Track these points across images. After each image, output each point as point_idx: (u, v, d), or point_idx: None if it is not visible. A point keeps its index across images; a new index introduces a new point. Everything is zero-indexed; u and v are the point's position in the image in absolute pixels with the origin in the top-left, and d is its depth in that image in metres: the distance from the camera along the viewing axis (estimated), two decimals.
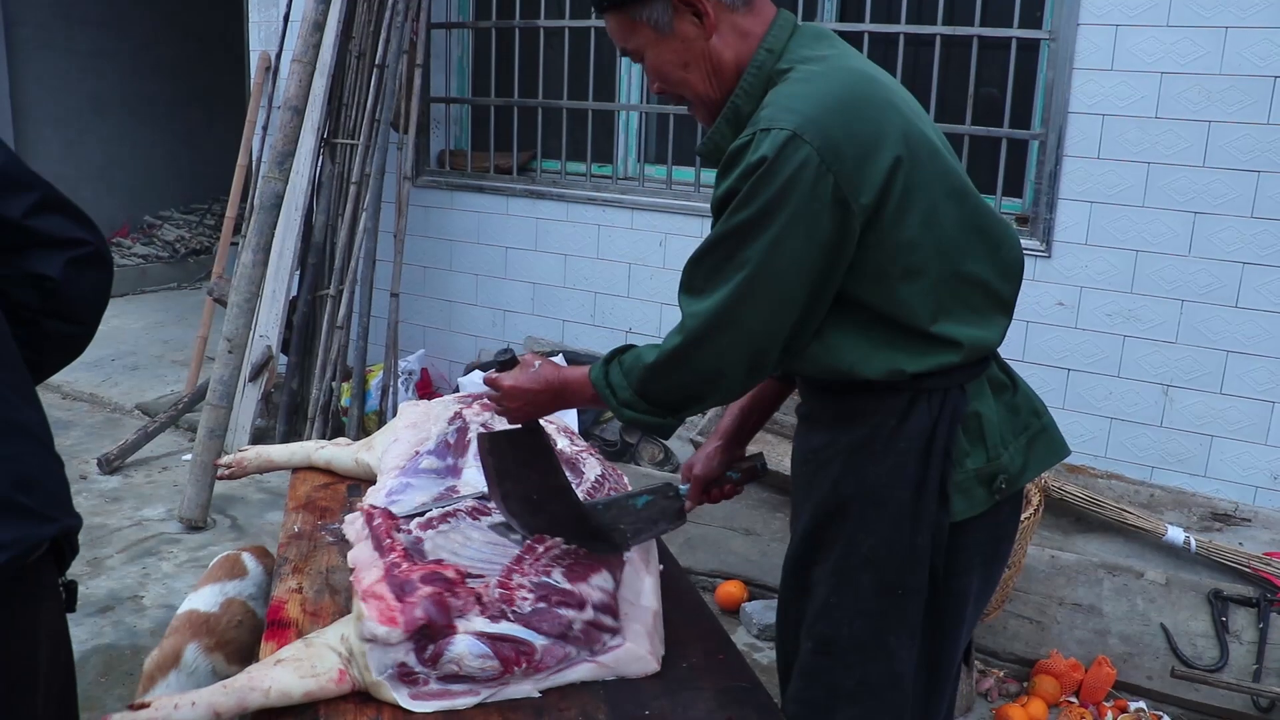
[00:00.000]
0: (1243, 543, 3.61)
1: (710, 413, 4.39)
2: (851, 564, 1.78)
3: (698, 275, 1.67)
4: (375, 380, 4.96)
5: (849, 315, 1.71)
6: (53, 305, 1.60)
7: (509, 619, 1.72)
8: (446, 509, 2.03)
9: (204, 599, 2.43)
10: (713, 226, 1.68)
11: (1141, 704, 3.11)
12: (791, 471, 1.97)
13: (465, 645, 1.66)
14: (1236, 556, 3.51)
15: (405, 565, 1.78)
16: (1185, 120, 3.67)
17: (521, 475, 1.95)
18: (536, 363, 1.85)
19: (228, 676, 2.18)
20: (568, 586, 1.79)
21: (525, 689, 1.71)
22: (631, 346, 1.78)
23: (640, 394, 1.73)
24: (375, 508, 2.03)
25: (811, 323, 1.70)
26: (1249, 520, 3.68)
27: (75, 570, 3.70)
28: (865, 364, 1.71)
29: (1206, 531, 3.68)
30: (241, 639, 2.36)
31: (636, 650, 1.79)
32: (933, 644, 1.83)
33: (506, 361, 1.88)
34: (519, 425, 1.92)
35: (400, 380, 5.04)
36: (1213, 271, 3.71)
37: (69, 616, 1.64)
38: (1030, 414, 1.85)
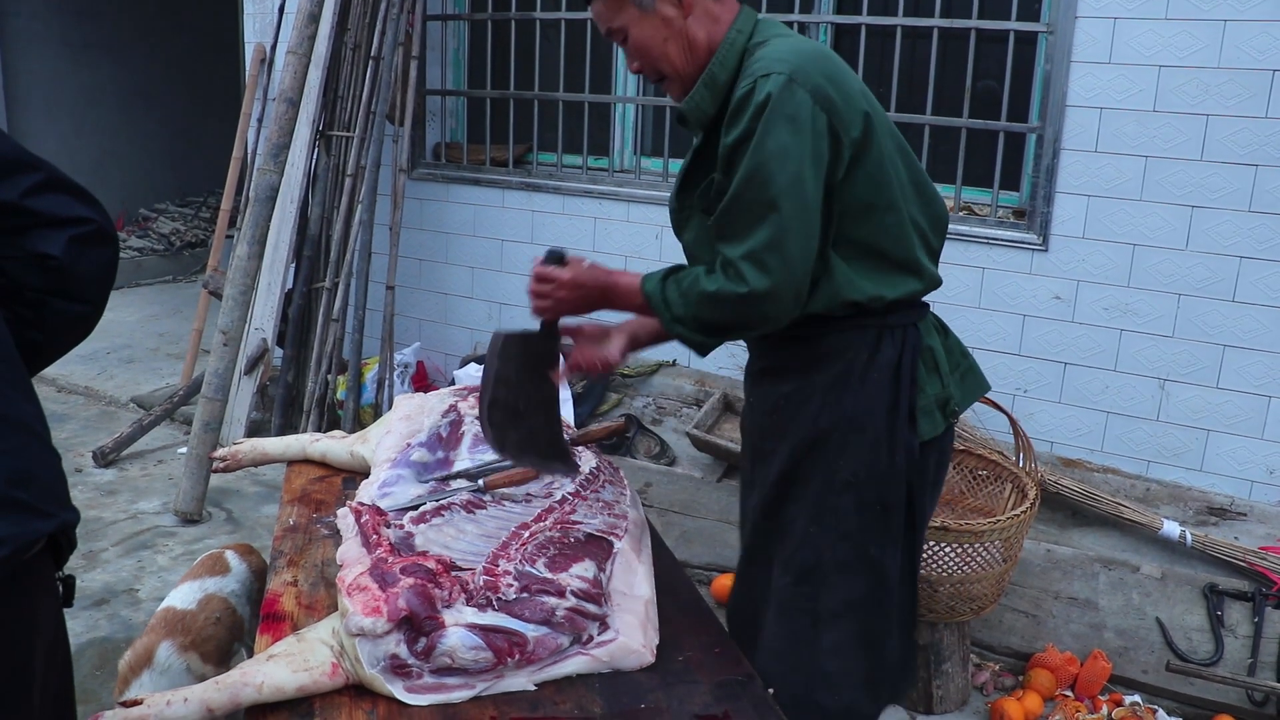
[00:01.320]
0: (1238, 537, 3.61)
1: (708, 404, 4.39)
2: (833, 489, 1.98)
3: (737, 221, 1.84)
4: (371, 373, 4.95)
5: (839, 249, 1.93)
6: (57, 284, 1.59)
7: (494, 607, 1.72)
8: (440, 502, 2.03)
9: (182, 596, 2.44)
10: (725, 173, 1.86)
11: (1136, 698, 3.11)
12: (753, 424, 2.16)
13: (458, 637, 1.65)
14: (1232, 551, 3.51)
15: (390, 560, 1.78)
16: (1183, 114, 3.67)
17: (518, 382, 2.05)
18: (585, 261, 2.03)
19: (202, 676, 2.18)
20: (548, 575, 1.80)
21: (520, 682, 1.71)
22: (682, 267, 1.97)
23: (694, 315, 1.89)
24: (363, 504, 2.03)
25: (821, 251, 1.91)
26: (1245, 515, 3.68)
27: (70, 564, 3.70)
28: (852, 289, 1.92)
29: (1202, 526, 3.68)
30: (219, 636, 2.35)
31: (630, 644, 1.79)
32: (910, 558, 2.08)
33: (558, 257, 2.04)
34: (541, 328, 2.10)
35: (396, 373, 5.03)
36: (1210, 265, 3.70)
37: (65, 611, 1.63)
38: (960, 354, 2.14)
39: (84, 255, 1.60)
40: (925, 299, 2.07)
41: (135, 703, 1.55)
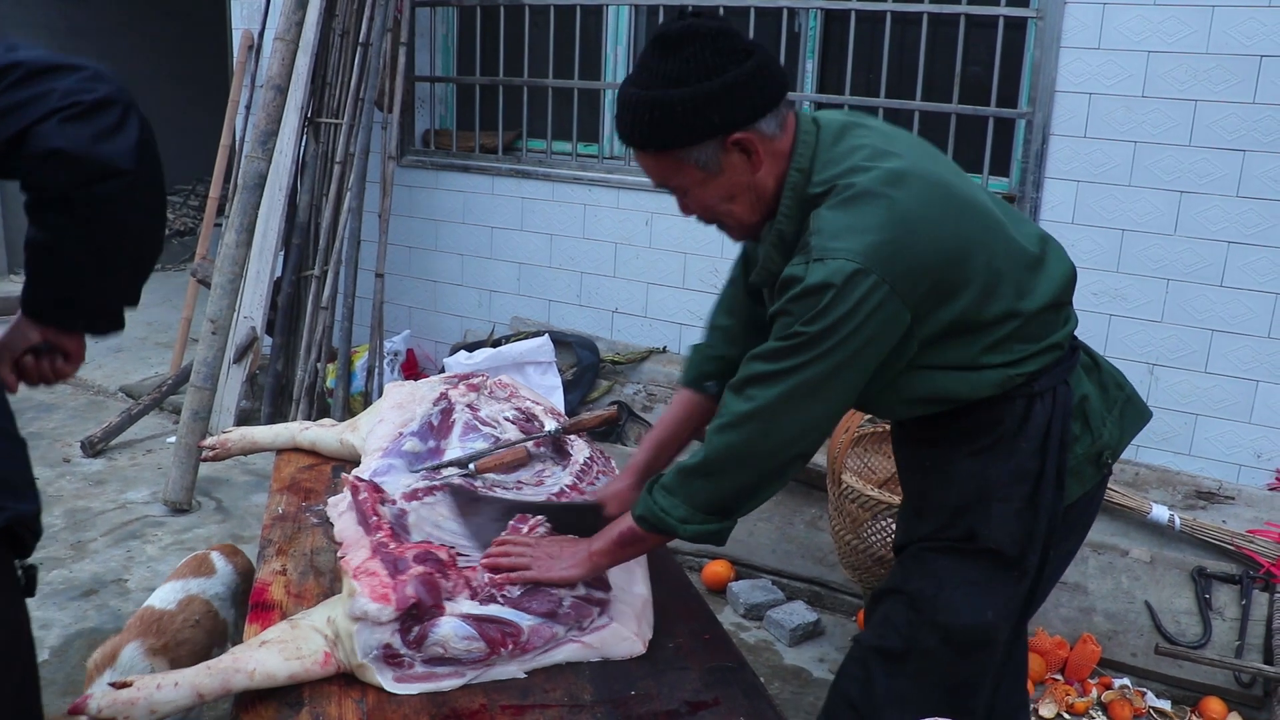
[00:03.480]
0: (1226, 520, 3.63)
1: None
2: (973, 547, 1.82)
3: (753, 383, 1.68)
4: (360, 361, 4.94)
5: (945, 357, 1.74)
6: (84, 173, 1.37)
7: (498, 603, 1.72)
8: (433, 483, 2.03)
9: (163, 596, 2.39)
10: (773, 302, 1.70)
11: (1126, 681, 3.13)
12: (902, 479, 2.01)
13: (450, 627, 1.65)
14: (1220, 534, 3.52)
15: (394, 544, 1.78)
16: (1171, 99, 3.67)
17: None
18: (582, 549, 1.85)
19: None
20: None
21: (511, 670, 1.72)
22: (661, 474, 1.80)
23: (694, 506, 1.74)
24: (362, 480, 2.02)
25: (867, 394, 1.75)
26: (1233, 498, 3.70)
27: (58, 554, 3.71)
28: (977, 388, 1.76)
29: (1191, 510, 3.70)
30: (195, 640, 2.30)
31: (622, 631, 1.79)
32: (1018, 629, 1.90)
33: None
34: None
35: (386, 361, 5.02)
36: (1198, 251, 3.71)
37: (48, 601, 1.61)
38: (1115, 387, 1.94)
39: (85, 128, 1.37)
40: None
41: (126, 684, 1.55)
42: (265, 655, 1.63)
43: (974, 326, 1.71)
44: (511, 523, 1.94)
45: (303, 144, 4.87)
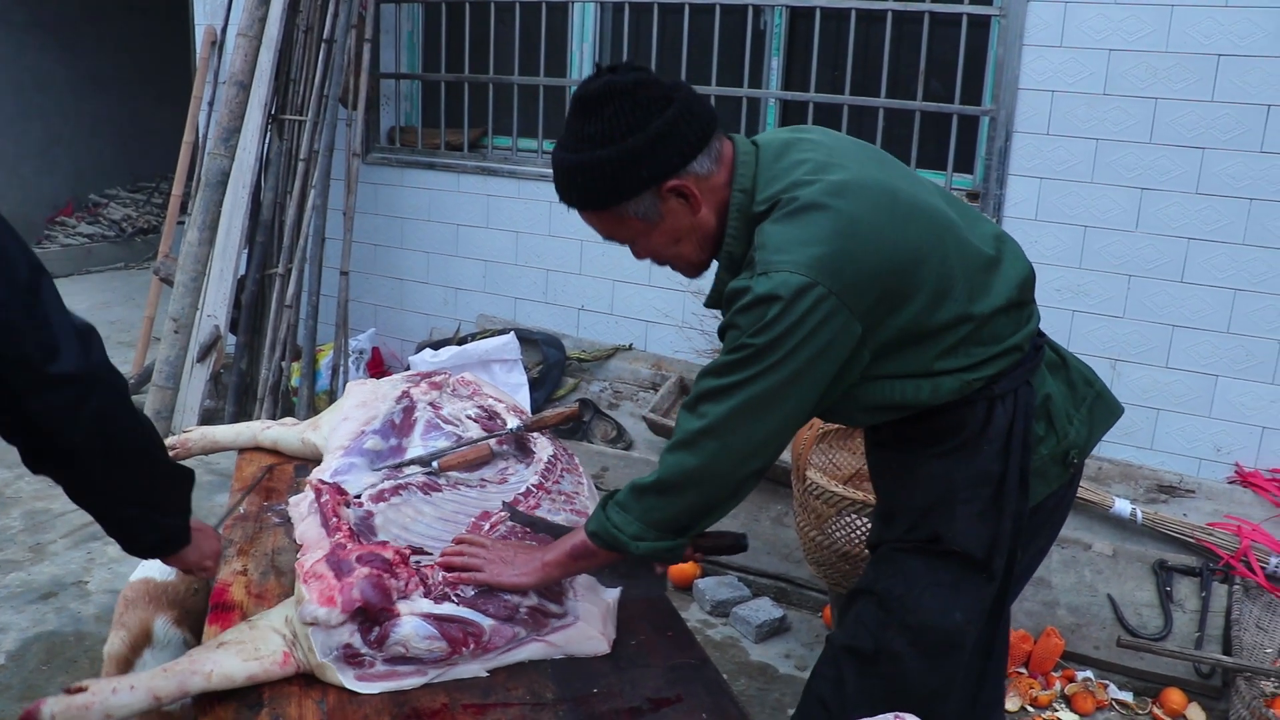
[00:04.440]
0: (1187, 514, 3.67)
1: (664, 388, 4.39)
2: (940, 549, 1.81)
3: (705, 399, 1.67)
4: (325, 360, 4.91)
5: (899, 365, 1.73)
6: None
7: (452, 602, 1.71)
8: (398, 482, 2.01)
9: (158, 567, 2.32)
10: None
11: (1089, 673, 3.16)
12: (874, 484, 2.00)
13: (411, 627, 1.64)
14: (1180, 527, 3.56)
15: (350, 545, 1.76)
16: (1132, 97, 3.70)
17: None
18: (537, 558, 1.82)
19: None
20: None
21: (473, 669, 1.71)
22: (616, 490, 1.78)
23: (647, 523, 1.72)
24: (324, 482, 2.01)
25: (817, 410, 1.74)
26: (1193, 492, 3.74)
27: (16, 557, 3.66)
28: (935, 394, 1.75)
29: (1152, 503, 3.74)
30: (200, 608, 2.28)
31: (588, 630, 1.79)
32: (991, 628, 1.87)
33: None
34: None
35: (351, 359, 4.99)
36: (1159, 247, 3.75)
37: (5, 604, 1.60)
38: (1084, 384, 1.92)
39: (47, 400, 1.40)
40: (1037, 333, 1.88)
41: (80, 689, 1.53)
42: (223, 656, 1.62)
43: (927, 332, 1.70)
44: (473, 520, 1.93)
45: (266, 141, 4.83)
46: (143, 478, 1.57)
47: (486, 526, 1.90)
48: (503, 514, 1.96)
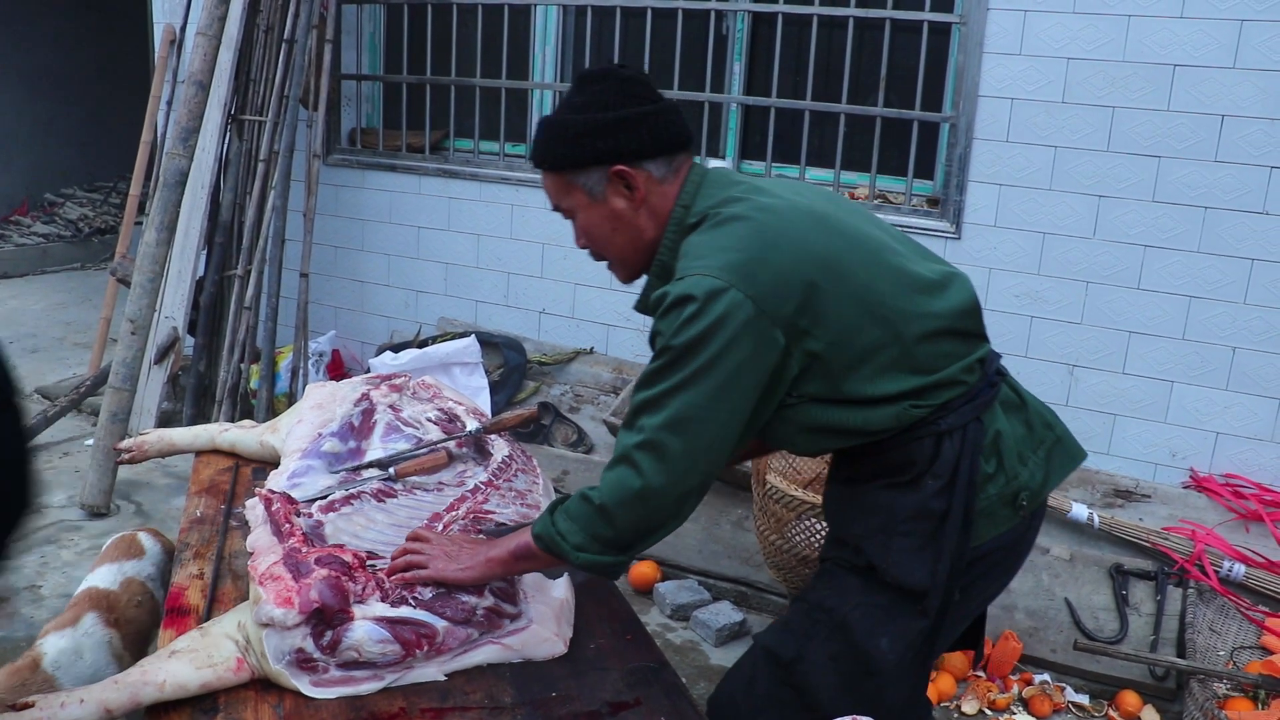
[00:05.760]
0: (1143, 518, 3.71)
1: (625, 392, 4.38)
2: (875, 579, 1.80)
3: (639, 413, 1.68)
4: (285, 362, 4.86)
5: (830, 386, 1.72)
6: None
7: (410, 604, 1.69)
8: (350, 491, 2.00)
9: (103, 577, 2.34)
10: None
11: (1046, 676, 3.18)
12: (826, 512, 1.98)
13: (364, 631, 1.63)
14: (1137, 532, 3.60)
15: (305, 550, 1.75)
16: (1090, 105, 3.74)
17: None
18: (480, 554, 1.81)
19: (120, 657, 2.11)
20: None
21: (430, 672, 1.70)
22: (568, 495, 1.78)
23: (592, 535, 1.71)
24: (274, 492, 1.99)
25: (754, 428, 1.73)
26: (1149, 496, 3.78)
27: None
28: (870, 420, 1.74)
29: (1109, 508, 3.78)
30: (141, 620, 2.28)
31: (542, 632, 1.78)
32: (921, 669, 1.86)
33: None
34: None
35: (311, 362, 4.95)
36: (1116, 254, 3.79)
37: None
38: (1043, 428, 1.90)
39: None
40: (994, 370, 1.86)
41: (27, 705, 1.50)
42: (175, 665, 1.59)
43: (855, 351, 1.69)
44: (426, 520, 1.92)
45: (226, 141, 4.78)
46: None
47: (440, 528, 1.89)
48: (454, 515, 1.95)
